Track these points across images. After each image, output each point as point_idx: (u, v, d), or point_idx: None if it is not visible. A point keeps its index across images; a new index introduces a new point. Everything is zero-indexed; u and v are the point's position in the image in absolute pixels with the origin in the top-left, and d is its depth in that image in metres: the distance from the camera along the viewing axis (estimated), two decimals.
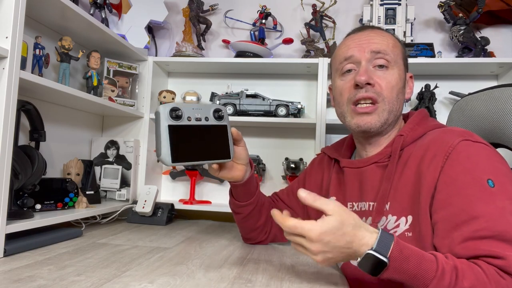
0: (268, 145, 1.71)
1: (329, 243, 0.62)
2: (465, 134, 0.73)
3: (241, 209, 0.96)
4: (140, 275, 0.75)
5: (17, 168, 0.94)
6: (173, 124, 0.70)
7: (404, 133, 0.81)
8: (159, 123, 0.69)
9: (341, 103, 0.85)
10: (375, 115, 0.80)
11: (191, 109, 0.73)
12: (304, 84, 1.71)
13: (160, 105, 0.70)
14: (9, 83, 0.86)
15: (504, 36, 1.61)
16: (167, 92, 1.62)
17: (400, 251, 0.61)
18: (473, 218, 0.63)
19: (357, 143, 0.92)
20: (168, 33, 1.84)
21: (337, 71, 0.87)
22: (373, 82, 0.80)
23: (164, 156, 0.68)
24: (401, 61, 0.84)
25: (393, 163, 0.79)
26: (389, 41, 0.83)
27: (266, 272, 0.81)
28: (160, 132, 0.69)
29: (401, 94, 0.83)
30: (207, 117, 0.75)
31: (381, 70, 0.81)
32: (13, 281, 0.68)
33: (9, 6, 0.88)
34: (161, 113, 0.69)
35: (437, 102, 1.54)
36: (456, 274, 0.59)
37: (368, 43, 0.82)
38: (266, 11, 1.69)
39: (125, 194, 1.53)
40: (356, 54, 0.82)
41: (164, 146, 0.68)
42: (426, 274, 0.59)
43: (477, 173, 0.67)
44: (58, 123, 1.38)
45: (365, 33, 0.85)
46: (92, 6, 1.43)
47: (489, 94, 0.90)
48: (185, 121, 0.72)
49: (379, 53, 0.81)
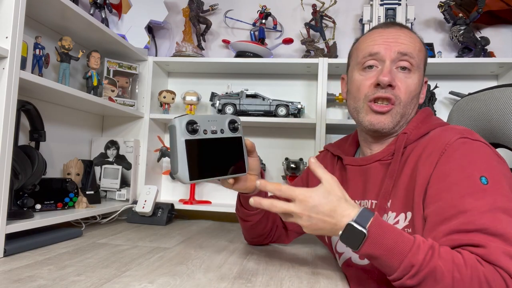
0: (268, 145, 1.71)
1: (314, 207, 0.66)
2: (464, 132, 0.72)
3: (251, 218, 0.95)
4: (140, 275, 0.75)
5: (17, 168, 0.94)
6: (190, 139, 0.66)
7: (408, 131, 0.80)
8: (175, 138, 0.65)
9: (357, 98, 0.83)
10: (389, 116, 0.80)
11: (207, 121, 0.70)
12: (304, 84, 1.71)
13: (175, 118, 0.66)
14: (9, 83, 0.86)
15: (504, 36, 1.61)
16: (167, 92, 1.62)
17: (379, 224, 0.63)
18: (460, 212, 0.63)
19: (362, 141, 0.91)
20: (168, 33, 1.84)
21: (358, 64, 0.84)
22: (394, 84, 0.78)
23: (181, 174, 0.65)
24: (422, 66, 0.84)
25: (396, 161, 0.78)
26: (416, 44, 0.81)
27: (266, 272, 0.81)
28: (177, 148, 0.65)
29: (416, 99, 0.83)
30: (223, 129, 0.73)
31: (403, 73, 0.80)
32: (13, 281, 0.68)
33: (9, 6, 0.88)
34: (177, 127, 0.65)
35: (437, 102, 1.54)
36: (432, 252, 0.60)
37: (396, 43, 0.79)
38: (266, 11, 1.69)
39: (125, 194, 1.53)
40: (383, 52, 0.79)
41: (181, 163, 0.64)
42: (402, 248, 0.60)
43: (470, 170, 0.67)
44: (58, 123, 1.38)
45: (393, 31, 0.81)
46: (92, 6, 1.43)
47: (489, 94, 0.90)
48: (201, 134, 0.68)
49: (406, 55, 0.79)
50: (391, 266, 0.61)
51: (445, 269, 0.58)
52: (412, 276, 0.59)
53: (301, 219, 0.67)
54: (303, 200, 0.66)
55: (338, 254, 0.87)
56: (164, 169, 1.77)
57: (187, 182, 0.66)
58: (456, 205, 0.64)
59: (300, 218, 0.67)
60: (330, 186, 0.67)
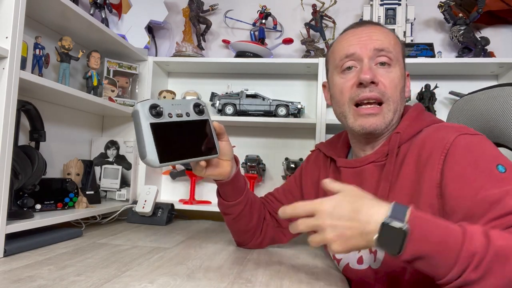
0: (268, 145, 1.71)
1: (333, 211, 0.59)
2: (461, 129, 0.71)
3: (231, 209, 0.92)
4: (140, 275, 0.75)
5: (17, 168, 0.94)
6: (155, 122, 0.65)
7: (400, 130, 0.78)
8: (139, 122, 0.64)
9: (341, 103, 0.81)
10: (380, 116, 0.77)
11: (171, 105, 0.69)
12: (304, 84, 1.71)
13: (137, 103, 0.65)
14: (9, 83, 0.86)
15: (504, 36, 1.61)
16: (167, 92, 1.62)
17: (419, 217, 0.54)
18: (492, 204, 0.59)
19: (353, 143, 0.88)
20: (168, 33, 1.84)
21: (336, 67, 0.82)
22: (377, 81, 0.76)
23: (150, 157, 0.63)
24: (401, 59, 0.82)
25: (391, 162, 0.76)
26: (390, 39, 0.81)
27: (266, 272, 0.81)
28: (142, 132, 0.64)
29: (402, 92, 0.81)
30: (188, 112, 0.71)
31: (384, 68, 0.78)
32: (13, 281, 0.68)
33: (9, 6, 0.88)
34: (140, 111, 0.64)
35: (437, 102, 1.54)
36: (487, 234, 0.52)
37: (370, 40, 0.79)
38: (266, 11, 1.69)
39: (125, 194, 1.53)
40: (358, 51, 0.78)
41: (149, 146, 0.63)
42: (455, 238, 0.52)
43: (484, 163, 0.64)
44: (58, 123, 1.38)
45: (364, 29, 0.81)
46: (92, 6, 1.43)
47: (488, 94, 0.90)
48: (166, 117, 0.67)
49: (382, 50, 0.78)
50: (445, 262, 0.52)
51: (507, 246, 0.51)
52: (476, 266, 0.50)
53: (326, 232, 0.59)
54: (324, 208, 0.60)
55: (337, 261, 0.85)
56: (164, 169, 1.77)
57: (157, 165, 0.64)
58: (485, 199, 0.60)
59: (324, 232, 0.59)
60: (348, 190, 0.62)
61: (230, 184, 0.88)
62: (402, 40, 0.87)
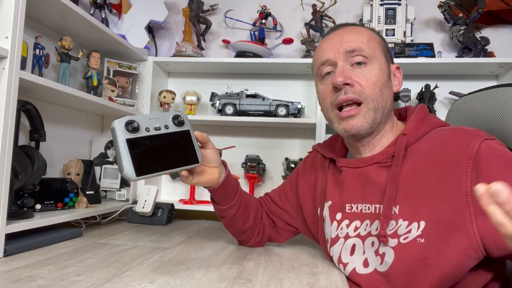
0: (268, 145, 1.71)
1: None
2: (480, 133, 0.71)
3: (225, 213, 0.93)
4: (140, 275, 0.75)
5: (17, 168, 0.94)
6: (130, 138, 0.67)
7: (407, 132, 0.77)
8: (116, 138, 0.66)
9: (325, 109, 0.83)
10: (360, 116, 0.77)
11: (148, 119, 0.71)
12: (304, 84, 1.71)
13: (115, 120, 0.68)
14: (9, 83, 0.86)
15: (504, 36, 1.61)
16: (167, 92, 1.62)
17: None
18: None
19: (349, 146, 0.89)
20: (168, 33, 1.84)
21: (317, 75, 0.85)
22: (351, 82, 0.76)
23: (127, 172, 0.65)
24: (380, 54, 0.81)
25: (398, 163, 0.75)
26: (363, 37, 0.80)
27: (266, 272, 0.81)
28: (119, 148, 0.66)
29: (386, 88, 0.79)
30: (167, 125, 0.73)
31: (360, 68, 0.78)
32: (13, 281, 0.68)
33: (9, 6, 0.88)
34: (116, 128, 0.67)
35: (437, 102, 1.54)
36: None
37: (341, 43, 0.79)
38: (266, 11, 1.69)
39: (125, 194, 1.53)
40: (331, 56, 0.80)
41: (125, 161, 0.65)
42: None
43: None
44: (58, 123, 1.38)
45: (337, 33, 0.82)
46: (92, 6, 1.43)
47: (487, 94, 0.89)
48: (143, 132, 0.69)
49: (354, 51, 0.78)
50: None
51: None
52: None
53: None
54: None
55: (343, 265, 0.82)
56: None
57: (134, 178, 0.66)
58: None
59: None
60: None
61: (220, 189, 0.89)
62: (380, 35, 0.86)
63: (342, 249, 0.82)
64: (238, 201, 0.93)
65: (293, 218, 1.00)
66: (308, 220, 0.96)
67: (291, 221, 1.01)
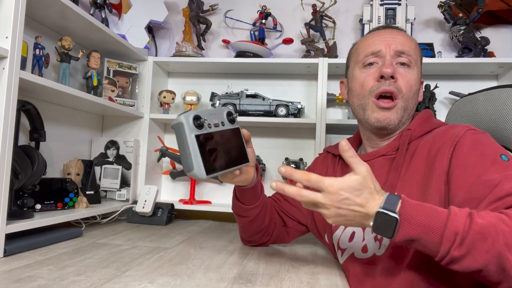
0: (268, 145, 1.71)
1: (345, 200, 0.62)
2: (471, 126, 0.76)
3: (248, 213, 0.95)
4: (140, 275, 0.75)
5: (17, 168, 0.94)
6: (198, 134, 0.65)
7: (412, 128, 0.83)
8: (184, 134, 0.64)
9: (361, 95, 0.86)
10: (394, 111, 0.82)
11: (209, 114, 0.69)
12: (304, 84, 1.71)
13: (181, 116, 0.65)
14: (9, 83, 0.86)
15: (504, 36, 1.61)
16: (167, 92, 1.62)
17: (408, 205, 0.60)
18: (491, 187, 0.63)
19: (365, 140, 0.92)
20: (168, 33, 1.84)
21: (359, 63, 0.87)
22: (396, 77, 0.82)
23: (197, 170, 0.64)
24: (419, 64, 0.87)
25: (401, 155, 0.80)
26: (412, 43, 0.86)
27: (266, 272, 0.81)
28: (187, 145, 0.64)
29: (416, 94, 0.85)
30: (223, 121, 0.72)
31: (403, 68, 0.84)
32: (13, 281, 0.68)
33: (9, 6, 0.88)
34: (185, 123, 0.64)
35: (437, 102, 1.54)
36: (471, 216, 0.58)
37: (393, 40, 0.84)
38: (266, 11, 1.69)
39: (125, 194, 1.53)
40: (383, 49, 0.84)
41: (195, 159, 0.63)
42: (439, 220, 0.58)
43: (488, 152, 0.69)
44: (58, 123, 1.38)
45: (388, 31, 0.87)
46: (92, 6, 1.43)
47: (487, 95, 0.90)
48: (206, 128, 0.67)
49: (404, 53, 0.83)
50: (433, 242, 0.58)
51: (490, 225, 0.56)
52: (459, 244, 0.56)
53: (328, 210, 0.63)
54: (334, 193, 0.62)
55: (341, 250, 0.86)
56: (164, 169, 1.77)
57: (204, 177, 0.65)
58: (485, 183, 0.64)
59: (327, 210, 0.64)
60: (363, 178, 0.63)
61: (251, 189, 0.91)
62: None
63: (341, 236, 0.86)
64: (262, 201, 0.95)
65: (304, 216, 1.02)
66: (316, 215, 0.98)
67: (302, 219, 1.02)
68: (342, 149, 0.64)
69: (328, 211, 0.63)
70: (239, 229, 1.04)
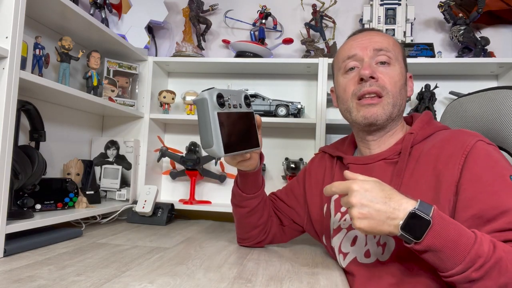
0: (268, 145, 1.71)
1: (368, 192, 0.64)
2: (479, 135, 0.76)
3: (248, 202, 0.94)
4: (140, 275, 0.75)
5: (17, 168, 0.94)
6: (220, 112, 0.65)
7: (414, 131, 0.82)
8: (207, 111, 0.64)
9: (345, 99, 0.87)
10: (380, 107, 0.82)
11: (229, 95, 0.69)
12: (304, 84, 1.71)
13: (204, 92, 0.65)
14: (9, 83, 0.86)
15: (504, 36, 1.61)
16: (167, 92, 1.62)
17: (441, 216, 0.62)
18: (502, 213, 0.65)
19: (359, 142, 0.92)
20: (168, 33, 1.84)
21: (340, 69, 0.89)
22: (376, 77, 0.82)
23: (216, 147, 0.63)
24: (401, 59, 0.87)
25: (404, 160, 0.80)
26: (389, 40, 0.87)
27: (266, 272, 0.81)
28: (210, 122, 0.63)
29: (403, 89, 0.85)
30: (240, 103, 0.72)
31: (384, 66, 0.84)
32: (13, 281, 0.68)
33: (9, 6, 0.88)
34: (209, 100, 0.64)
35: (437, 102, 1.54)
36: (494, 245, 0.60)
37: (369, 42, 0.85)
38: (266, 11, 1.69)
39: (125, 194, 1.53)
40: (359, 52, 0.85)
41: (215, 136, 0.63)
42: (466, 240, 0.60)
43: (499, 170, 0.70)
44: (58, 123, 1.38)
45: (365, 34, 0.88)
46: (92, 6, 1.43)
47: (483, 96, 0.91)
48: (227, 108, 0.67)
49: (381, 50, 0.84)
50: (454, 258, 0.60)
51: (508, 261, 0.59)
52: (478, 268, 0.58)
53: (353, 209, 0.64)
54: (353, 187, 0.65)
55: (343, 254, 0.85)
56: (164, 169, 1.77)
57: (222, 155, 0.65)
58: (496, 206, 0.66)
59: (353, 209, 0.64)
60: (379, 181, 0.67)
61: (254, 175, 0.92)
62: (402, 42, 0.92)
63: (343, 240, 0.86)
64: (262, 192, 0.96)
65: (299, 216, 1.02)
66: (314, 217, 0.97)
67: (298, 219, 1.02)
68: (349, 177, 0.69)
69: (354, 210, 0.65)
70: (236, 225, 1.03)
